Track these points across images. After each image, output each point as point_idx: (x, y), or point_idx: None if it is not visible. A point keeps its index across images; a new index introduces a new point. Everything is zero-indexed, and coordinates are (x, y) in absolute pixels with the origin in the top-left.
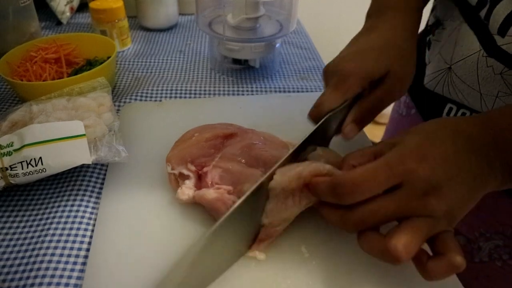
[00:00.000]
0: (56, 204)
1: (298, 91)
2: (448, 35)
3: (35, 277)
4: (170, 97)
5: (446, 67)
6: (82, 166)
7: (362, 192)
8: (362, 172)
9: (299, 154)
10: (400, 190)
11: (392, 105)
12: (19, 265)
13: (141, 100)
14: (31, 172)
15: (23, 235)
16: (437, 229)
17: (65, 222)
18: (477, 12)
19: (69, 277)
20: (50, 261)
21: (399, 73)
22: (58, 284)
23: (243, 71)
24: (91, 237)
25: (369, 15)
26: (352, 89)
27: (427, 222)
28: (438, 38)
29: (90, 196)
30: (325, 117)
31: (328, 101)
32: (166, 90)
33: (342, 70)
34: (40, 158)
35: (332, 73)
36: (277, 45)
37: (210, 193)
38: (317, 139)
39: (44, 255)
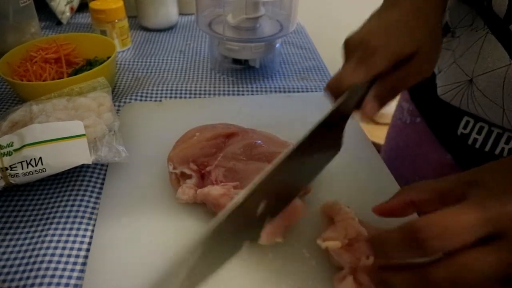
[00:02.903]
0: (56, 204)
1: (298, 91)
2: (468, 46)
3: (35, 277)
4: (170, 97)
5: (467, 79)
6: (82, 166)
7: (452, 237)
8: (448, 213)
9: (317, 135)
10: (502, 240)
11: (393, 110)
12: (19, 265)
13: (141, 100)
14: (31, 172)
15: (23, 235)
16: None
17: (65, 222)
18: (506, 25)
19: (69, 277)
20: (50, 261)
21: (428, 53)
22: (58, 284)
23: (243, 71)
24: (91, 237)
25: None
26: (377, 67)
27: None
28: (449, 46)
29: (90, 196)
30: (345, 94)
31: (350, 76)
32: (166, 90)
33: (368, 45)
34: (40, 158)
35: (355, 47)
36: (277, 45)
37: (216, 189)
38: (336, 118)
39: (44, 255)
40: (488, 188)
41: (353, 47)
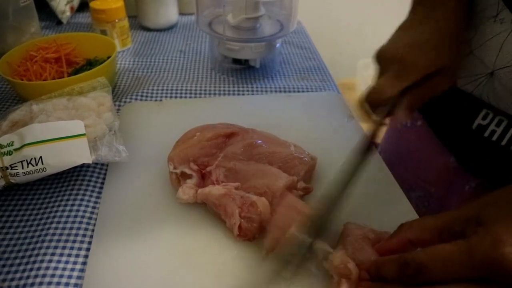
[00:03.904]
0: (56, 204)
1: (298, 91)
2: (488, 37)
3: (35, 277)
4: (170, 97)
5: (487, 72)
6: (82, 165)
7: (432, 276)
8: (438, 254)
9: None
10: (492, 284)
11: None
12: (19, 265)
13: (141, 100)
14: (31, 172)
15: (23, 235)
16: None
17: (65, 222)
18: None
19: (69, 277)
20: (50, 261)
21: (452, 69)
22: (58, 284)
23: (243, 71)
24: (91, 237)
25: (420, 1)
26: (411, 80)
27: None
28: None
29: (90, 196)
30: (387, 106)
31: (389, 88)
32: (166, 90)
33: (404, 60)
34: (40, 157)
35: (390, 60)
36: (277, 45)
37: (217, 189)
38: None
39: (44, 255)
40: (487, 226)
41: (387, 61)
